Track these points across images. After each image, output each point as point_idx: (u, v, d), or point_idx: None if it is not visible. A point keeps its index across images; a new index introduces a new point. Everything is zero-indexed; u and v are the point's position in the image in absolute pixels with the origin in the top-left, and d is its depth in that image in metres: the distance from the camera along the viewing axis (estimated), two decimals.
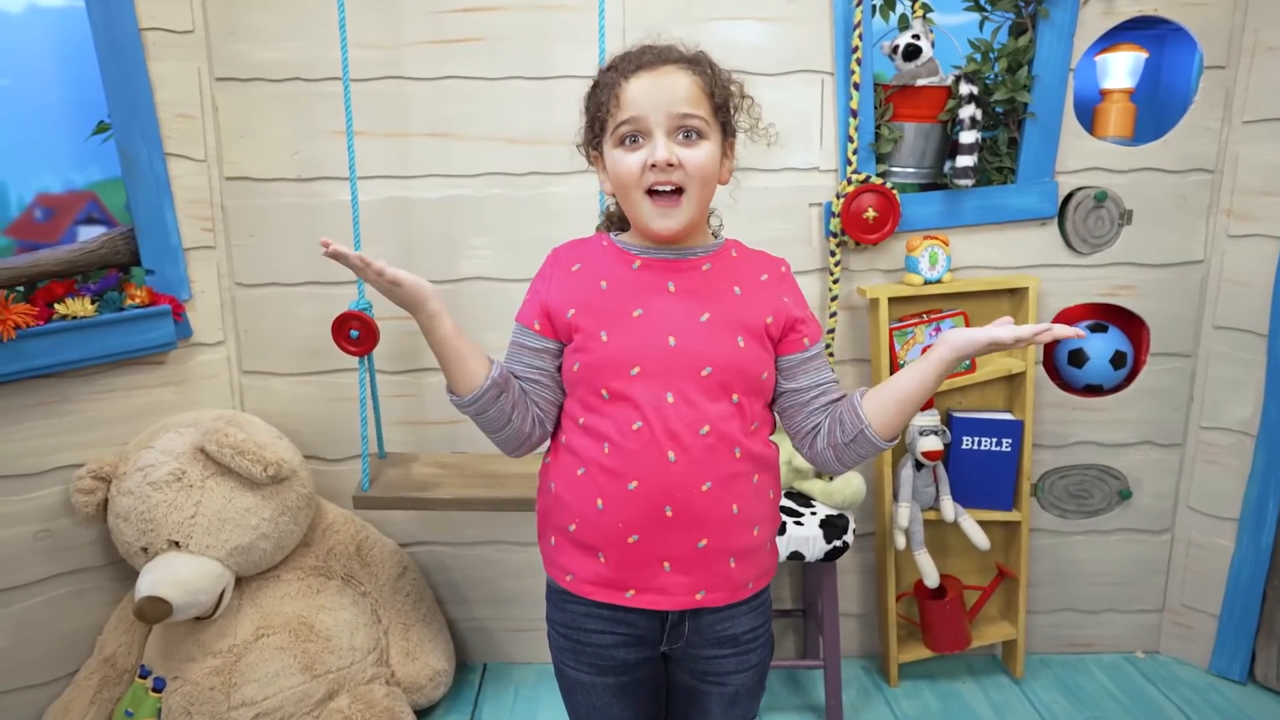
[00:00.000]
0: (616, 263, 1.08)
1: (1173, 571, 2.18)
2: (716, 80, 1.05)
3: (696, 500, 1.03)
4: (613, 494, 1.03)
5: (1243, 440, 2.02)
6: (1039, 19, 1.87)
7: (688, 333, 1.03)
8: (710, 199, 1.08)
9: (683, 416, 1.02)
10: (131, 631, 1.83)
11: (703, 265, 1.08)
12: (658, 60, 1.03)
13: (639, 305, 1.05)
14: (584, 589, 1.08)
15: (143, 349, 1.81)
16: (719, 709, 1.14)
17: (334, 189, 1.91)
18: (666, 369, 1.02)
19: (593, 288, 1.07)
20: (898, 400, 1.03)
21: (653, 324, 1.04)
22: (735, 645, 1.11)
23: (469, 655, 2.17)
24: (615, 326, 1.04)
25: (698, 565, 1.05)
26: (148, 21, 1.78)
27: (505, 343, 1.97)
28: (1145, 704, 2.03)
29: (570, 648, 1.12)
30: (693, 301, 1.05)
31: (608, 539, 1.05)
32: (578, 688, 1.14)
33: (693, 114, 1.02)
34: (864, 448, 1.05)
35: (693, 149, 1.02)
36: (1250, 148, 1.93)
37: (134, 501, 1.69)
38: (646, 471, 1.02)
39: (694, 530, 1.04)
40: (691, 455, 1.02)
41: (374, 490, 1.76)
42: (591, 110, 1.08)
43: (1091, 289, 2.02)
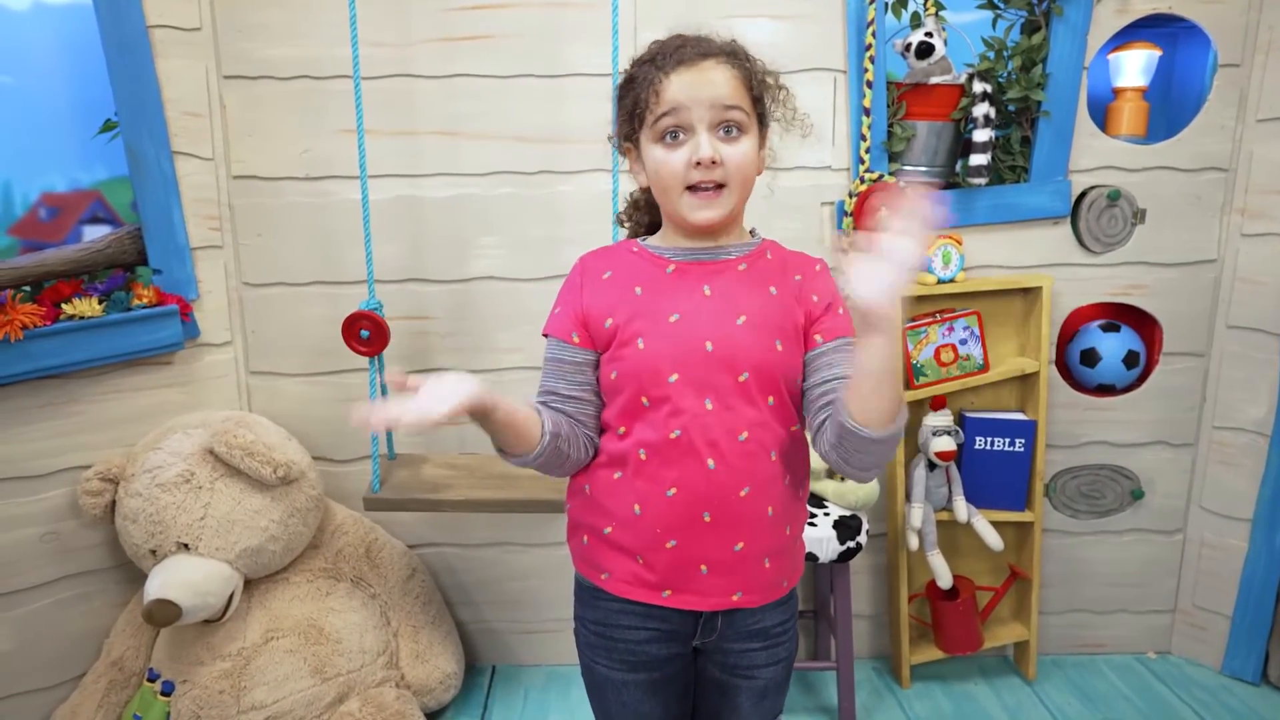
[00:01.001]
0: (650, 268, 1.07)
1: (1185, 572, 2.17)
2: (754, 73, 1.04)
3: (735, 505, 1.03)
4: (651, 499, 1.04)
5: (1256, 440, 2.01)
6: (1053, 16, 1.86)
7: (725, 337, 1.01)
8: (750, 192, 1.06)
9: (722, 423, 1.01)
10: (139, 634, 1.82)
11: (739, 265, 1.06)
12: (698, 55, 1.01)
13: (675, 310, 1.03)
14: (620, 588, 1.08)
15: (150, 349, 1.80)
16: (749, 703, 1.14)
17: (342, 188, 1.90)
18: (705, 374, 1.01)
19: (628, 294, 1.05)
20: (859, 378, 0.93)
21: (690, 328, 1.02)
22: (765, 639, 1.11)
23: (478, 657, 2.16)
24: (652, 332, 1.02)
25: (734, 568, 1.06)
26: (155, 19, 1.77)
27: (515, 344, 2.00)
28: (1158, 705, 2.02)
29: (602, 645, 1.12)
30: (729, 304, 1.03)
31: (645, 543, 1.05)
32: (608, 685, 1.13)
33: (734, 106, 1.00)
34: (852, 441, 0.95)
35: (734, 145, 1.01)
36: (1264, 146, 1.92)
37: (142, 503, 1.67)
38: (685, 478, 1.02)
39: (731, 534, 1.04)
40: (730, 462, 1.01)
41: (384, 491, 1.74)
42: (629, 104, 1.05)
43: (1104, 288, 2.01)
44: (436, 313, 1.97)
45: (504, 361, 2.00)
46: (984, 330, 1.97)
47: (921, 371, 1.94)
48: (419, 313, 1.97)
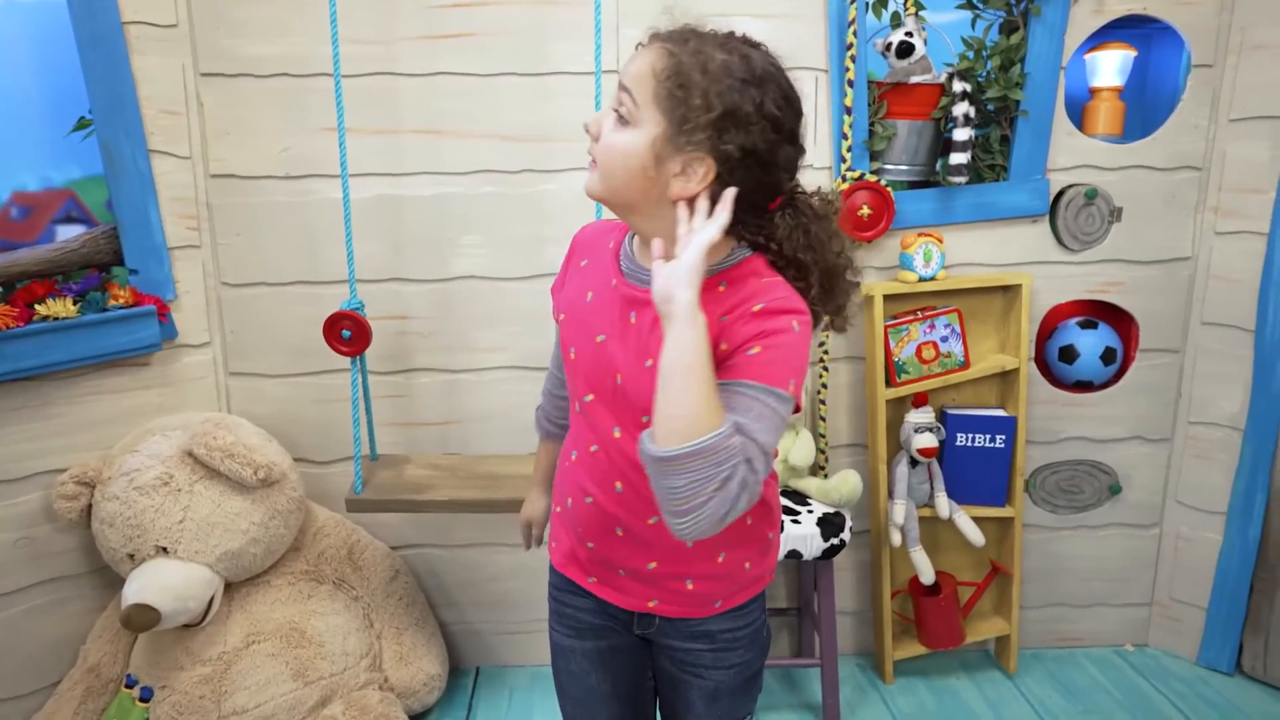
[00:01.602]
0: (606, 274, 1.01)
1: (1161, 565, 2.20)
2: (682, 71, 0.85)
3: (644, 530, 1.02)
4: (576, 500, 1.07)
5: (1230, 435, 2.05)
6: (1031, 17, 1.88)
7: (633, 377, 0.96)
8: (634, 197, 0.91)
9: (627, 453, 0.98)
10: (116, 640, 1.79)
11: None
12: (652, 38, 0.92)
13: (603, 330, 0.99)
14: (559, 560, 1.13)
15: (127, 350, 1.77)
16: (702, 703, 1.12)
17: (324, 186, 1.88)
18: (614, 404, 0.99)
19: (582, 295, 1.03)
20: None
21: (607, 356, 0.98)
22: (712, 641, 1.08)
23: (462, 659, 2.15)
24: (582, 347, 1.02)
25: (650, 581, 1.06)
26: (130, 15, 1.74)
27: (498, 344, 1.99)
28: (1136, 697, 2.05)
29: (555, 609, 1.16)
30: (644, 342, 0.94)
31: (572, 536, 1.10)
32: (559, 651, 1.16)
33: (626, 91, 0.89)
34: (643, 463, 0.85)
35: (613, 133, 0.90)
36: (1237, 145, 1.96)
37: (120, 507, 1.64)
38: (600, 493, 1.03)
39: (644, 553, 1.04)
40: (636, 490, 0.99)
41: (367, 493, 1.73)
42: None
43: (1082, 286, 2.04)
44: (418, 312, 1.96)
45: (486, 361, 1.99)
46: (964, 327, 1.99)
47: (903, 369, 1.96)
48: (400, 312, 1.95)
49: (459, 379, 2.00)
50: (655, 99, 0.87)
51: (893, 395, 1.96)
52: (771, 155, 0.88)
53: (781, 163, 0.90)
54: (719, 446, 0.80)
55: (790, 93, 0.91)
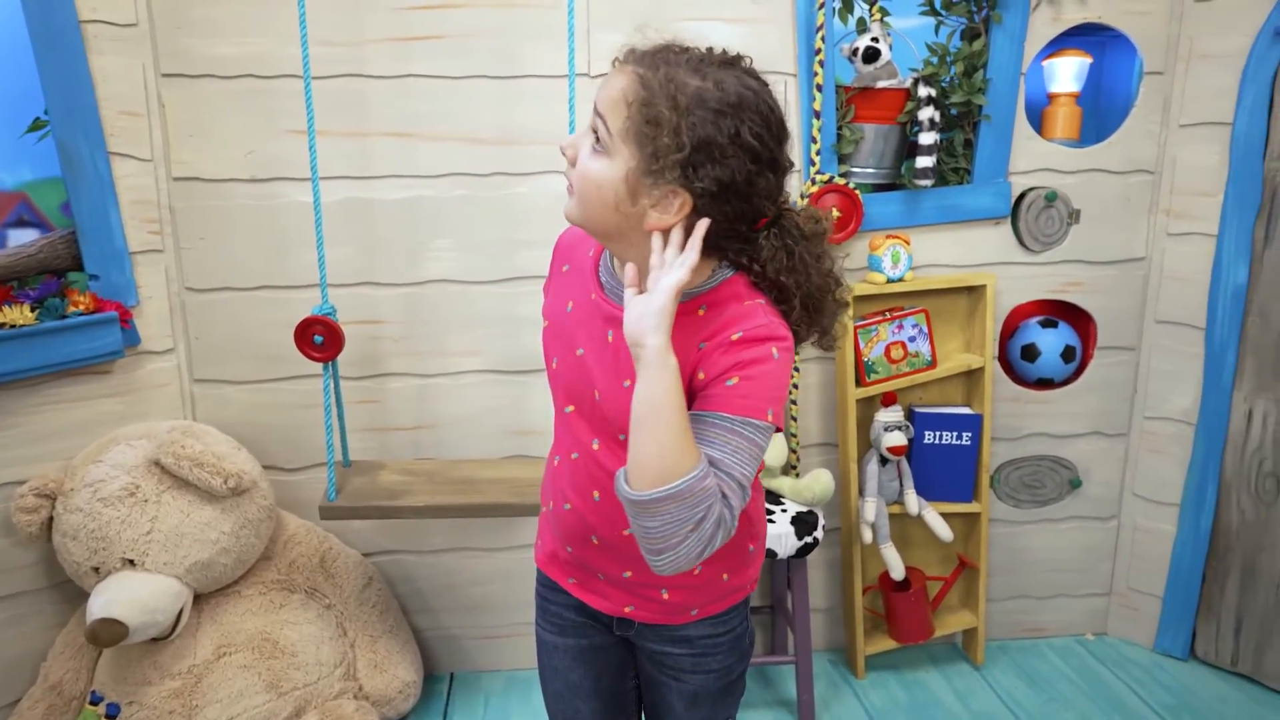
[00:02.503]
0: (587, 285, 0.99)
1: (1119, 556, 2.27)
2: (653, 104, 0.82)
3: (619, 540, 1.02)
4: (558, 504, 1.08)
5: (1183, 429, 2.12)
6: (992, 24, 1.93)
7: (610, 395, 0.95)
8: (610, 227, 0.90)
9: (605, 465, 0.98)
10: (79, 656, 1.74)
11: None
12: (623, 59, 0.89)
13: (582, 344, 0.99)
14: (542, 560, 1.15)
15: (88, 358, 1.72)
16: (681, 706, 1.12)
17: (291, 190, 1.85)
18: (592, 418, 0.99)
19: (563, 304, 1.03)
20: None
21: (586, 371, 0.98)
22: (691, 646, 1.09)
23: (436, 665, 2.13)
24: (563, 358, 1.02)
25: (626, 589, 1.07)
26: (88, 14, 1.70)
27: (471, 348, 1.98)
28: (1096, 684, 2.11)
29: (540, 605, 1.18)
30: (620, 362, 0.93)
31: (554, 537, 1.11)
32: (543, 647, 1.18)
33: (601, 118, 0.86)
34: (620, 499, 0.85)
35: (590, 159, 0.88)
36: (1186, 150, 2.03)
37: (83, 519, 1.60)
38: (579, 500, 1.03)
39: (619, 562, 1.04)
40: (613, 501, 0.93)
41: (341, 500, 1.71)
42: None
43: (1043, 286, 2.09)
44: (389, 316, 1.94)
45: (458, 365, 1.98)
46: (931, 327, 2.03)
47: (873, 369, 1.99)
48: (371, 317, 1.93)
49: (431, 383, 1.98)
50: (626, 132, 0.84)
51: (862, 395, 1.99)
52: (750, 186, 0.85)
53: (761, 191, 0.86)
54: (693, 489, 0.80)
55: (771, 115, 0.87)
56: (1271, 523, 2.02)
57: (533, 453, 2.01)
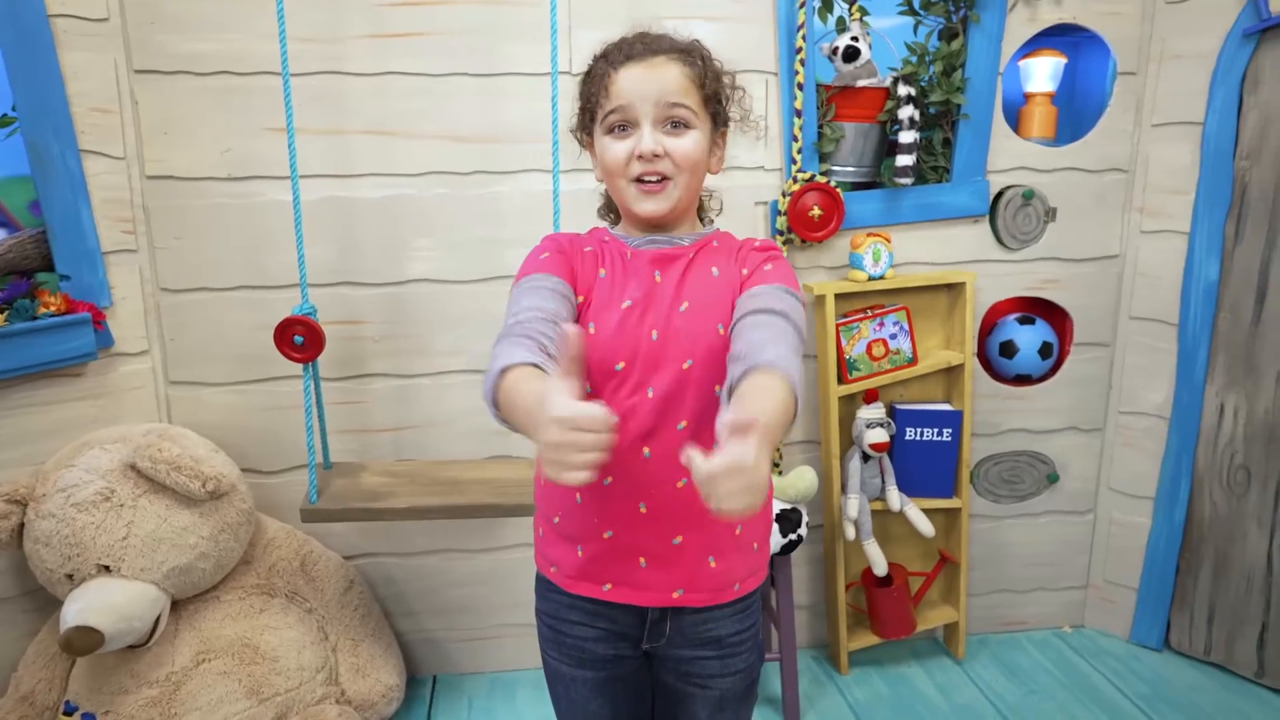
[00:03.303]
0: (614, 253, 1.09)
1: (1096, 549, 2.30)
2: (708, 71, 1.06)
3: (671, 497, 1.03)
4: (590, 487, 1.02)
5: (1157, 423, 2.16)
6: (970, 24, 1.95)
7: (670, 326, 1.02)
8: (699, 187, 1.09)
9: (661, 411, 1.01)
10: (52, 665, 1.70)
11: (689, 254, 1.08)
12: (648, 50, 1.03)
13: (627, 296, 1.04)
14: (565, 582, 1.10)
15: (60, 360, 1.68)
16: (705, 713, 1.12)
17: (268, 188, 1.82)
18: (649, 364, 1.02)
19: (595, 274, 1.07)
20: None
21: (637, 317, 1.03)
22: (719, 647, 1.10)
23: (418, 668, 2.11)
24: (602, 318, 1.04)
25: (674, 562, 1.06)
26: (57, 8, 1.66)
27: (454, 348, 1.96)
28: (1075, 676, 2.14)
29: (553, 638, 1.13)
30: (675, 292, 1.05)
31: (585, 533, 1.07)
32: (558, 678, 1.15)
33: (680, 104, 1.02)
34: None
35: (679, 138, 1.03)
36: (1159, 148, 2.06)
37: (56, 525, 1.56)
38: (621, 467, 1.01)
39: (669, 527, 1.04)
40: (667, 451, 1.00)
41: (323, 502, 1.68)
42: (584, 98, 1.08)
43: (1021, 283, 2.12)
44: (370, 316, 1.92)
45: (441, 365, 1.96)
46: (912, 325, 2.04)
47: (855, 366, 2.00)
48: (352, 317, 1.91)
49: (413, 384, 1.96)
50: (701, 104, 1.04)
51: (844, 392, 2.00)
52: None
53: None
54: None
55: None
56: (1243, 515, 2.06)
57: (515, 453, 1.99)
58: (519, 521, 2.02)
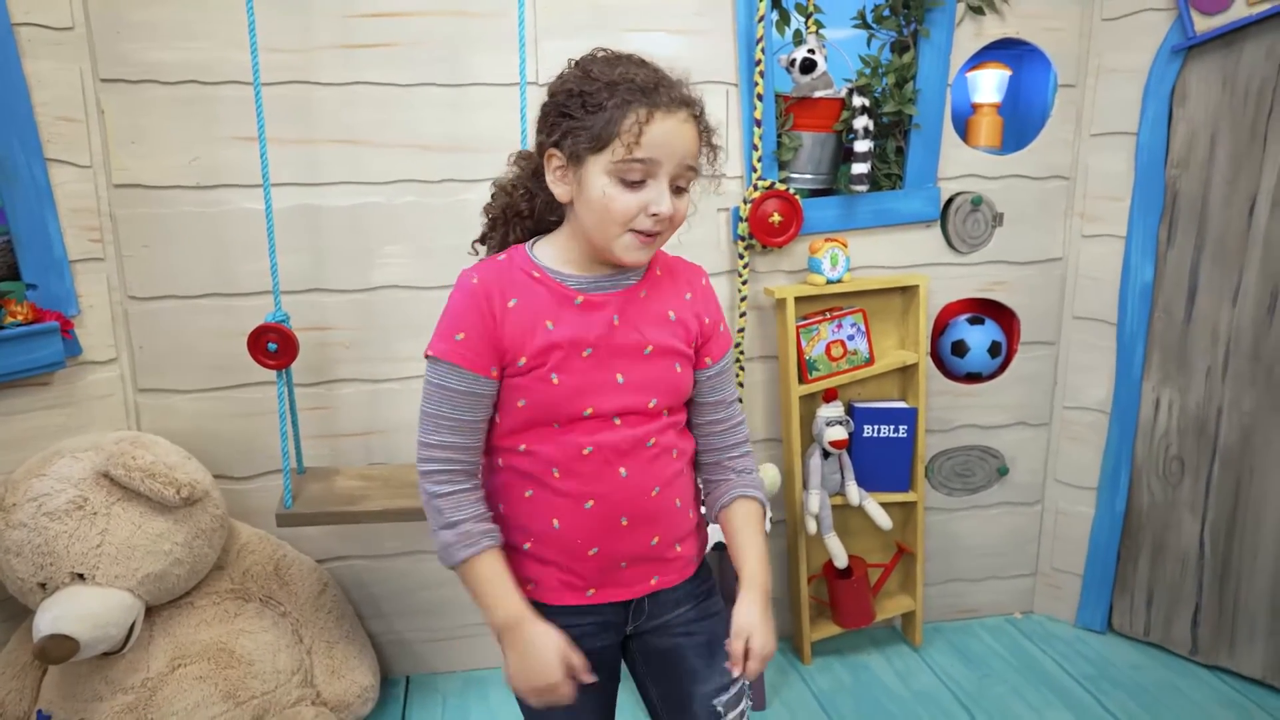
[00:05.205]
0: (557, 300, 1.05)
1: (1043, 538, 2.41)
2: (709, 134, 1.06)
3: (648, 505, 1.10)
4: (569, 513, 1.09)
5: (1099, 418, 2.27)
6: (920, 38, 2.04)
7: (635, 368, 1.07)
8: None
9: (630, 436, 1.08)
10: (22, 676, 1.70)
11: (640, 292, 1.09)
12: (675, 103, 1.01)
13: (588, 344, 1.05)
14: (548, 595, 1.13)
15: (27, 369, 1.68)
16: (701, 663, 1.17)
17: (237, 197, 1.84)
18: (616, 403, 1.07)
19: (538, 329, 1.04)
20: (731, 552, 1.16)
21: (602, 363, 1.06)
22: (693, 599, 1.18)
23: (392, 669, 2.13)
24: (565, 368, 1.04)
25: (651, 558, 1.14)
26: (20, 16, 1.66)
27: (420, 352, 1.97)
28: (1025, 659, 2.24)
29: None
30: (636, 334, 1.07)
31: (567, 553, 1.11)
32: None
33: (694, 167, 1.04)
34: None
35: (681, 199, 1.03)
36: (1097, 157, 2.18)
37: (28, 534, 1.56)
38: (601, 490, 1.07)
39: (647, 531, 1.11)
40: (640, 467, 1.09)
41: (298, 506, 1.70)
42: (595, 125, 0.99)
43: (971, 285, 2.22)
44: (340, 323, 1.94)
45: (410, 370, 1.99)
46: (869, 326, 2.13)
47: (814, 366, 2.08)
48: (321, 323, 1.93)
49: (382, 389, 1.99)
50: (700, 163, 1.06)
51: (805, 391, 2.08)
52: None
53: None
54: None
55: None
56: (1177, 503, 2.18)
57: None
58: None
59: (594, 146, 1.00)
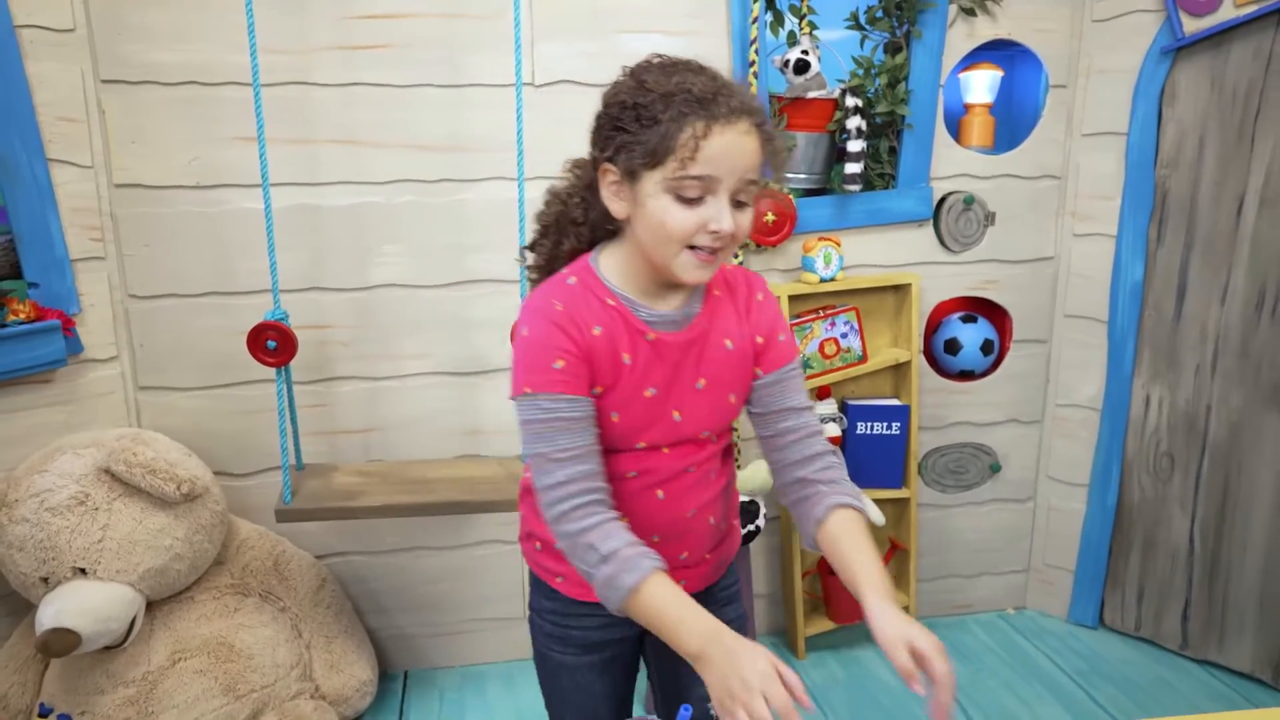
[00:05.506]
0: (632, 333, 1.03)
1: (1036, 534, 2.44)
2: (774, 140, 0.99)
3: (681, 524, 1.10)
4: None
5: (1090, 415, 2.30)
6: (912, 39, 2.06)
7: (690, 405, 1.05)
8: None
9: (674, 463, 1.07)
10: (24, 669, 1.72)
11: (702, 327, 1.05)
12: (735, 113, 0.94)
13: (651, 384, 1.03)
14: (574, 590, 1.13)
15: (29, 367, 1.70)
16: None
17: (236, 196, 1.86)
18: (669, 436, 1.06)
19: (616, 363, 1.02)
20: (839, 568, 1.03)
21: (662, 403, 1.04)
22: (713, 600, 1.17)
23: (389, 664, 2.16)
24: (627, 407, 1.03)
25: (679, 570, 1.12)
26: (23, 18, 1.68)
27: (420, 350, 2.01)
28: (1018, 655, 2.27)
29: (558, 634, 1.17)
30: (693, 370, 1.05)
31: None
32: (563, 670, 1.19)
33: (755, 181, 0.97)
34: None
35: (743, 214, 0.97)
36: (1088, 157, 2.20)
37: (30, 529, 1.59)
38: (638, 510, 1.06)
39: (677, 547, 1.11)
40: (678, 492, 1.08)
41: (297, 502, 1.73)
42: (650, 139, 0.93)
43: (963, 284, 2.24)
44: (338, 321, 1.96)
45: (408, 368, 2.02)
46: (862, 324, 2.15)
47: (808, 364, 2.10)
48: (320, 321, 1.95)
49: (381, 386, 2.01)
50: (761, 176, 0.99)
51: None
52: None
53: None
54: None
55: None
56: (1167, 498, 2.20)
57: (483, 452, 2.05)
58: (486, 519, 2.09)
59: (649, 163, 0.94)
